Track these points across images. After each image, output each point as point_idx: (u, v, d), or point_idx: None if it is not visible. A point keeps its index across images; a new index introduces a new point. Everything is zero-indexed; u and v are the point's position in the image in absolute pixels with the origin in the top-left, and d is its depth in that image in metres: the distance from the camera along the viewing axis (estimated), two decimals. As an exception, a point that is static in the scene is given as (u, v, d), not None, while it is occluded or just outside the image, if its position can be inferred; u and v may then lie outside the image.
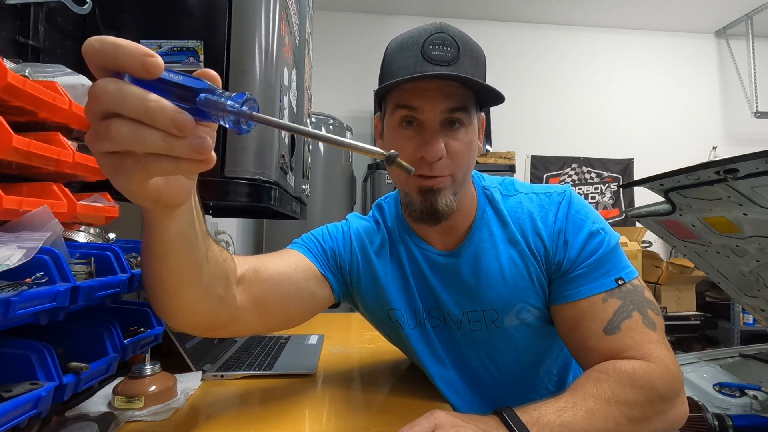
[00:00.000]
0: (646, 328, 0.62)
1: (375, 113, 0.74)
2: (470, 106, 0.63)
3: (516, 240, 0.70)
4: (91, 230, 0.60)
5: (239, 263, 0.62)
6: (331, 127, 2.70)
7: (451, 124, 0.63)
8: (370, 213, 0.84)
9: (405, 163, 0.35)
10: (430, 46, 0.61)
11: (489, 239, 0.72)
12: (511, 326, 0.72)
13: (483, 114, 0.71)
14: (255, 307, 0.63)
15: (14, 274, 0.40)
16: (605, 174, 3.67)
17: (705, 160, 3.51)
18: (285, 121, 0.34)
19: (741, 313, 3.13)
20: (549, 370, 0.78)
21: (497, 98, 0.63)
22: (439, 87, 0.61)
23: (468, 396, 0.76)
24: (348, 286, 0.78)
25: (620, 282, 0.64)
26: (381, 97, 0.69)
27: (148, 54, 0.29)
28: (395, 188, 0.77)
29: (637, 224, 3.16)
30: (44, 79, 0.54)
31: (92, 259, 0.52)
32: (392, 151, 0.34)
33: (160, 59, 0.30)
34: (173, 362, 0.80)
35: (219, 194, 0.79)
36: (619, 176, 3.67)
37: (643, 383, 0.58)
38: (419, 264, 0.75)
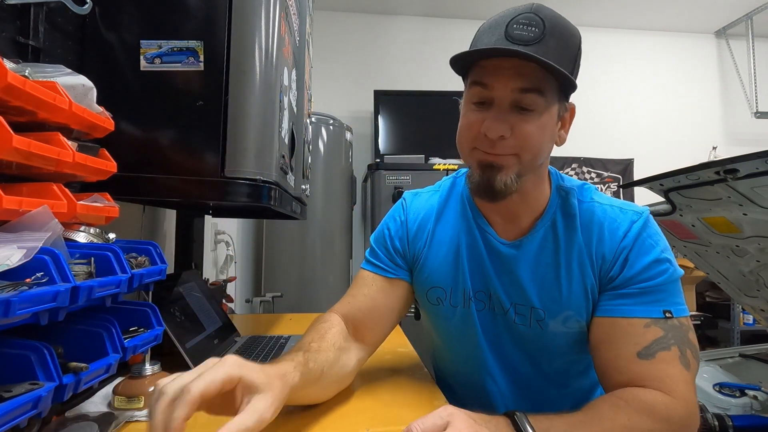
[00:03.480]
0: (681, 365, 0.60)
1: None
2: (546, 90, 0.61)
3: (580, 248, 0.69)
4: (91, 230, 0.60)
5: (344, 328, 0.74)
6: (331, 127, 2.70)
7: (524, 107, 0.62)
8: (441, 182, 0.85)
9: None
10: (515, 26, 0.60)
11: (553, 240, 0.71)
12: (555, 332, 0.71)
13: (573, 104, 0.69)
14: (372, 349, 0.80)
15: (14, 274, 0.40)
16: (605, 174, 3.66)
17: (705, 160, 3.51)
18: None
19: (741, 313, 3.13)
20: (580, 386, 0.78)
21: (570, 83, 0.61)
22: (514, 66, 0.60)
23: (497, 377, 0.78)
24: (413, 272, 0.81)
25: (668, 315, 0.62)
26: (464, 76, 0.69)
27: None
28: (395, 189, 0.78)
29: (637, 224, 3.15)
30: (44, 79, 0.54)
31: (92, 259, 0.52)
32: None
33: None
34: (173, 362, 0.79)
35: (219, 194, 0.79)
36: (619, 176, 3.67)
37: (660, 418, 0.55)
38: (478, 245, 0.75)
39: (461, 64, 0.65)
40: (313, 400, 0.65)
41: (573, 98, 0.70)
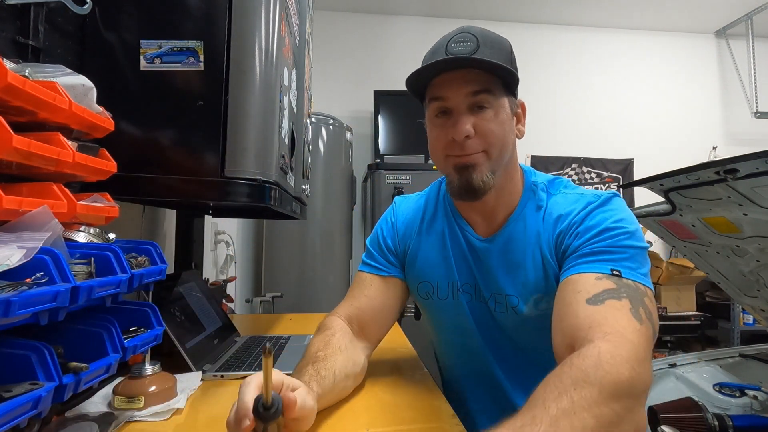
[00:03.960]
0: (632, 316, 0.56)
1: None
2: (495, 89, 0.70)
3: (543, 238, 0.73)
4: (91, 230, 0.60)
5: (348, 330, 0.79)
6: (331, 127, 2.70)
7: (479, 107, 0.70)
8: (430, 187, 0.92)
9: None
10: (452, 45, 0.69)
11: (522, 232, 0.76)
12: (530, 315, 0.75)
13: (522, 100, 0.79)
14: (376, 344, 0.85)
15: (14, 274, 0.40)
16: (605, 174, 3.66)
17: (705, 160, 3.51)
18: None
19: (741, 313, 3.13)
20: None
21: (511, 75, 0.70)
22: (462, 76, 0.69)
23: (492, 365, 0.81)
24: (405, 269, 0.87)
25: (615, 273, 0.61)
26: (421, 99, 0.79)
27: None
28: (395, 189, 0.81)
29: (637, 224, 3.15)
30: (44, 79, 0.54)
31: (92, 259, 0.52)
32: None
33: None
34: (173, 362, 0.80)
35: (219, 194, 0.79)
36: (619, 176, 3.66)
37: (609, 368, 0.49)
38: (459, 242, 0.81)
39: (416, 88, 0.75)
40: (332, 402, 0.68)
41: (573, 98, 0.74)
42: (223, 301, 1.40)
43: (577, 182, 3.61)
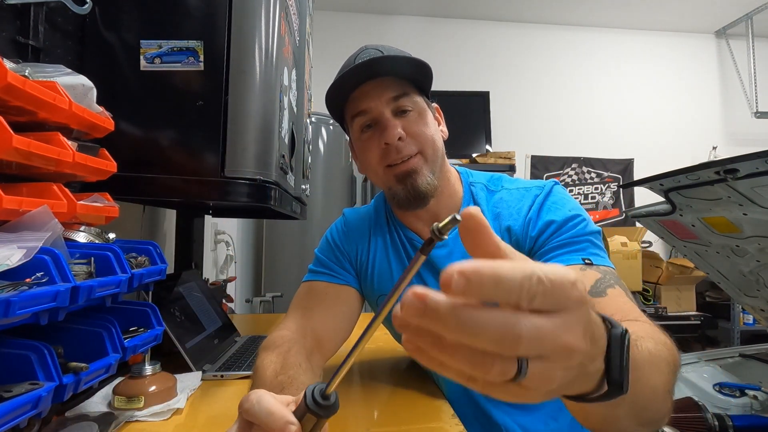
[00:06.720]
0: (633, 303, 0.56)
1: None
2: (411, 92, 0.71)
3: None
4: (92, 230, 0.60)
5: (302, 343, 0.68)
6: (330, 127, 2.70)
7: (402, 112, 0.70)
8: (375, 199, 0.89)
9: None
10: (358, 61, 0.69)
11: None
12: None
13: (436, 104, 0.79)
14: (330, 356, 0.75)
15: (14, 274, 0.40)
16: (605, 174, 3.66)
17: (705, 160, 3.51)
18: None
19: (741, 313, 3.13)
20: None
21: (423, 68, 0.69)
22: (377, 85, 0.70)
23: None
24: (360, 279, 0.83)
25: (587, 261, 0.61)
26: (343, 122, 0.78)
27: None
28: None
29: (637, 224, 3.16)
30: (44, 79, 0.54)
31: (92, 259, 0.52)
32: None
33: None
34: (173, 362, 0.80)
35: (219, 194, 0.79)
36: (619, 176, 3.67)
37: (666, 340, 0.50)
38: (409, 252, 0.79)
39: (335, 106, 0.75)
40: None
41: (573, 98, 0.70)
42: (223, 301, 1.40)
43: (577, 182, 3.62)
